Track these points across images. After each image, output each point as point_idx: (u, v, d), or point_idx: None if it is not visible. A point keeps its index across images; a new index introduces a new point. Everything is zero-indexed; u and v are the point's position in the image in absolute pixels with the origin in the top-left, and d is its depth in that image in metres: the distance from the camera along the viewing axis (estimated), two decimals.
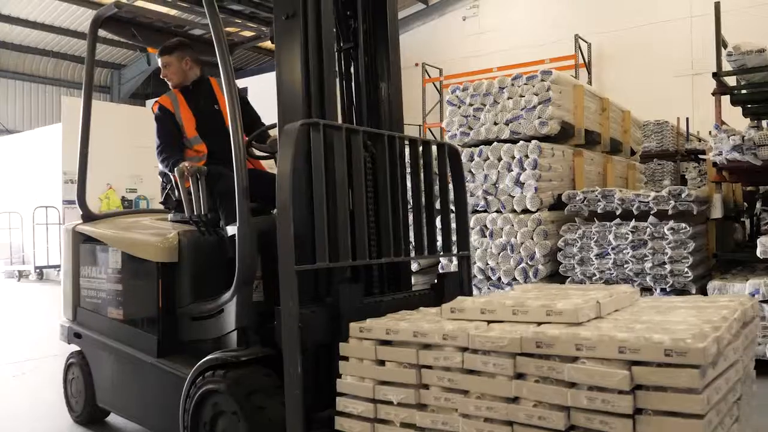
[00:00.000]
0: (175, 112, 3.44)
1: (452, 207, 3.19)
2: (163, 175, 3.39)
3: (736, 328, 2.07)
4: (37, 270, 13.39)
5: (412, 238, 3.01)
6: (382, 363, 2.23)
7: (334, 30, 2.95)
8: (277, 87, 2.76)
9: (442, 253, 3.13)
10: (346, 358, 2.33)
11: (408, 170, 3.09)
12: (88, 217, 3.81)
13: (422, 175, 3.02)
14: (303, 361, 2.29)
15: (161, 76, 3.61)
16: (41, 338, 5.95)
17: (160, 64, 3.59)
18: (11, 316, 8.44)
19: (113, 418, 3.67)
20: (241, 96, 3.50)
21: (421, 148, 3.03)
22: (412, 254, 2.97)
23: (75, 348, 3.71)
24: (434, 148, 3.09)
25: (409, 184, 3.08)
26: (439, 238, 3.22)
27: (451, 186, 3.20)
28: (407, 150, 3.10)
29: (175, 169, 3.13)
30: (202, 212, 3.01)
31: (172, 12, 3.58)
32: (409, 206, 2.98)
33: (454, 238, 3.27)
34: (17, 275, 13.68)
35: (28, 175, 14.42)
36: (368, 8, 3.02)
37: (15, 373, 5.04)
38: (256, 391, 2.43)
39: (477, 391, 2.00)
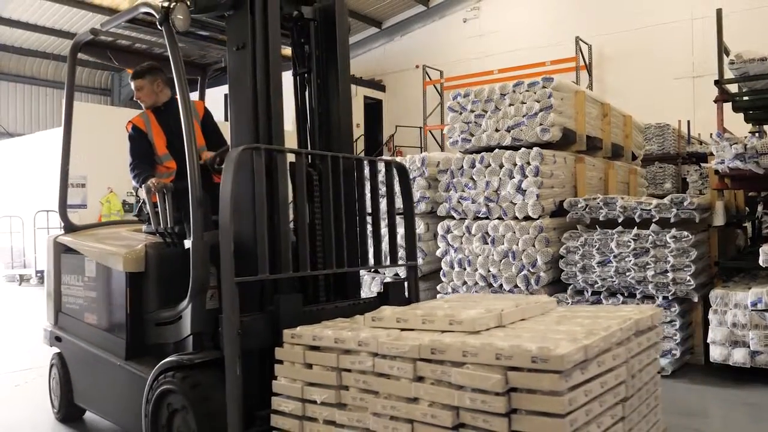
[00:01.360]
0: (147, 132, 3.74)
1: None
2: (136, 189, 3.70)
3: (619, 337, 2.32)
4: (38, 274, 13.43)
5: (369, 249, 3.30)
6: (310, 366, 2.53)
7: (291, 57, 3.31)
8: (230, 112, 3.07)
9: (389, 263, 3.41)
10: (280, 362, 2.63)
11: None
12: (69, 228, 4.18)
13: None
14: (244, 364, 2.58)
15: (134, 98, 3.91)
16: (43, 344, 5.95)
17: (132, 88, 3.89)
18: (13, 321, 8.52)
19: (90, 416, 3.98)
20: (208, 116, 3.92)
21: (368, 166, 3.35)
22: (364, 265, 3.27)
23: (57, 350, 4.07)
24: (381, 165, 3.38)
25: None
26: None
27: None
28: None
29: (143, 185, 3.44)
30: (168, 225, 3.29)
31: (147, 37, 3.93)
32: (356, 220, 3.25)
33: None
34: (18, 279, 13.70)
35: (29, 179, 14.44)
36: (320, 35, 3.30)
37: (18, 383, 5.06)
38: (204, 390, 2.71)
39: (385, 392, 2.29)
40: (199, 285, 2.93)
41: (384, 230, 3.43)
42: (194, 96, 4.46)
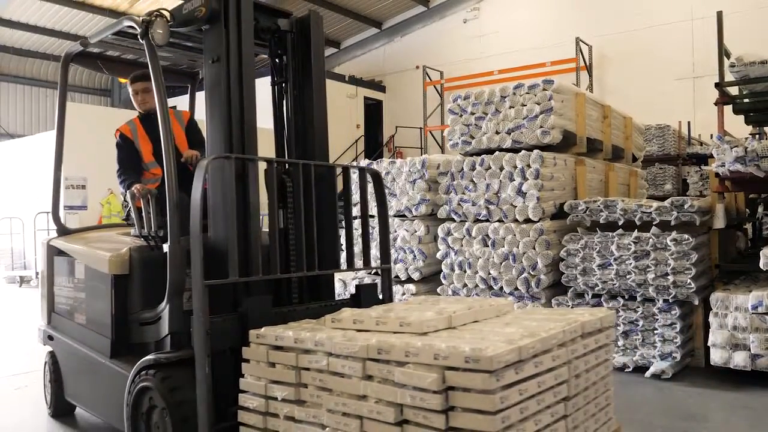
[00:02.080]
0: (134, 140, 3.97)
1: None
2: (125, 195, 3.89)
3: (561, 339, 2.46)
4: (39, 275, 13.35)
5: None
6: (273, 365, 2.69)
7: (270, 67, 3.51)
8: (206, 121, 3.27)
9: (362, 266, 3.57)
10: (247, 361, 2.80)
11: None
12: (62, 231, 4.39)
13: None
14: (217, 362, 2.78)
15: (134, 101, 4.08)
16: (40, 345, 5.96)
17: (133, 91, 4.05)
18: (13, 323, 8.57)
19: (82, 414, 4.18)
20: (193, 123, 4.11)
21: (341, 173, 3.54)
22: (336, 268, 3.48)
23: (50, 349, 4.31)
24: (354, 171, 3.63)
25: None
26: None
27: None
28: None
29: (128, 191, 3.66)
30: (152, 229, 3.47)
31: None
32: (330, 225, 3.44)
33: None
34: (19, 281, 13.69)
35: (29, 181, 14.43)
36: (297, 47, 3.49)
37: (18, 386, 5.06)
38: (178, 387, 2.88)
39: (338, 389, 2.45)
40: (176, 287, 3.08)
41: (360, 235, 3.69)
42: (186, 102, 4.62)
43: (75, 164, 12.65)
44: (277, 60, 3.55)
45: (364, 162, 7.13)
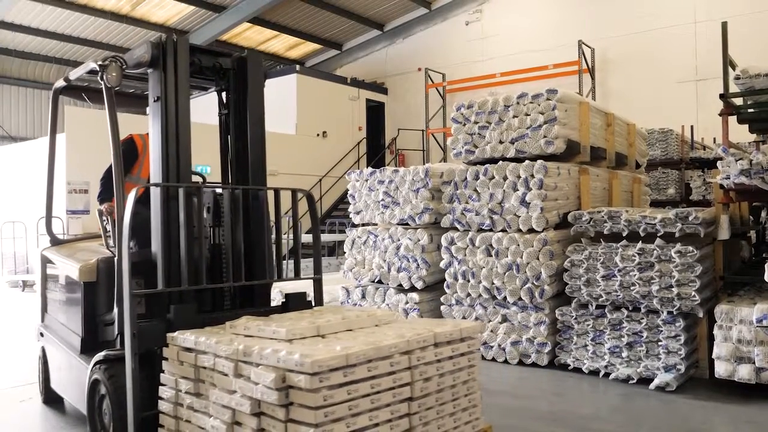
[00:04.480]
0: (142, 153, 4.43)
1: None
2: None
3: (404, 347, 2.90)
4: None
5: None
6: (182, 363, 3.25)
7: (217, 103, 4.06)
8: (150, 152, 3.84)
9: (293, 277, 4.09)
10: (166, 359, 3.38)
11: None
12: (55, 241, 5.05)
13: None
14: (150, 360, 3.37)
15: None
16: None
17: None
18: (17, 328, 8.57)
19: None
20: None
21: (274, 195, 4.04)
22: (270, 279, 4.05)
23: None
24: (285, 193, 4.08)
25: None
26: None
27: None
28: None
29: (98, 208, 4.29)
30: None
31: None
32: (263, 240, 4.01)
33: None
34: (21, 285, 13.70)
35: (32, 185, 14.41)
36: (238, 83, 4.06)
37: (22, 398, 5.07)
38: (119, 380, 3.41)
39: (220, 385, 3.00)
40: (122, 294, 3.60)
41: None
42: None
43: (78, 168, 12.66)
44: (222, 94, 4.11)
45: (367, 169, 7.15)
